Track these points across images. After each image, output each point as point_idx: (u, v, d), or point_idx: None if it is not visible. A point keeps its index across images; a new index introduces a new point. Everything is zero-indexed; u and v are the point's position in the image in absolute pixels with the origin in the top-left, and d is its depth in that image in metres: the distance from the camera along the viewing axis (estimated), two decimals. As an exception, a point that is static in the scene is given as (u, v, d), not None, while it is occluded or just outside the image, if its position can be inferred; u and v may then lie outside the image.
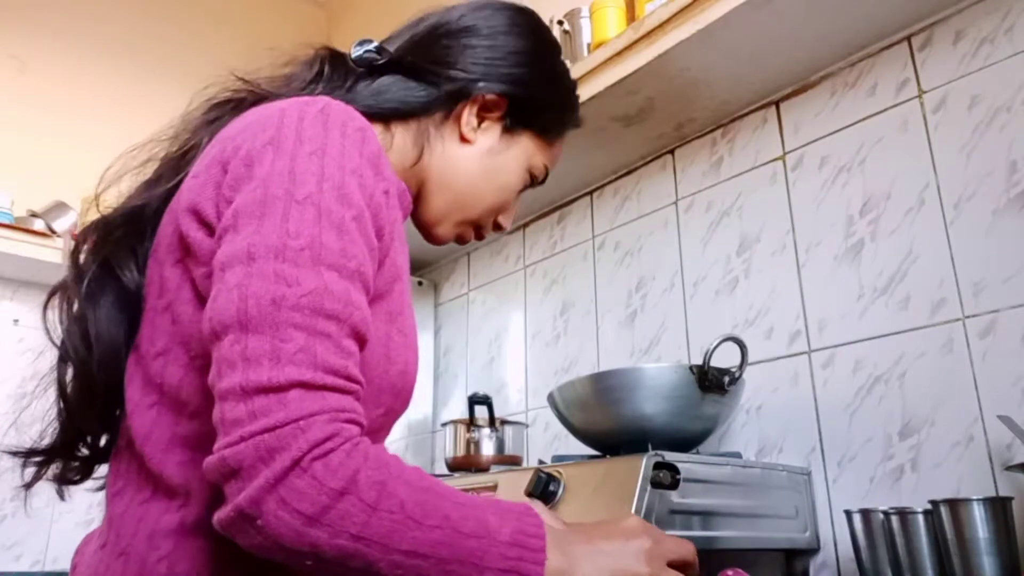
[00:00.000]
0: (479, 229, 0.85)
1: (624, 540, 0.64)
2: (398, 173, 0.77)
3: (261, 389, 0.52)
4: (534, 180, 0.86)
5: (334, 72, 0.78)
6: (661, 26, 1.25)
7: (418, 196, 0.80)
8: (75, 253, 0.70)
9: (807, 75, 1.34)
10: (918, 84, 1.19)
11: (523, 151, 0.83)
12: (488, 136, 0.80)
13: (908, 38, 1.21)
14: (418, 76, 0.78)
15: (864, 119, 1.25)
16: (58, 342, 0.69)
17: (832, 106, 1.30)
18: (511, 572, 0.56)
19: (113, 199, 0.73)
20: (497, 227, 0.87)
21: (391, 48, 0.80)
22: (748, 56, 1.28)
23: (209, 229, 0.61)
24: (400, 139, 0.78)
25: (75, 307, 0.68)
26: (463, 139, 0.79)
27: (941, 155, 1.14)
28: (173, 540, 0.59)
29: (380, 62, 0.79)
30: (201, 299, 0.62)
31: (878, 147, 1.22)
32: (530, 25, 0.84)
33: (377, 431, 0.68)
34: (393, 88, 0.77)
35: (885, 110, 1.23)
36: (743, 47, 1.26)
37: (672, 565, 0.65)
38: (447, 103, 0.78)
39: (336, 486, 0.51)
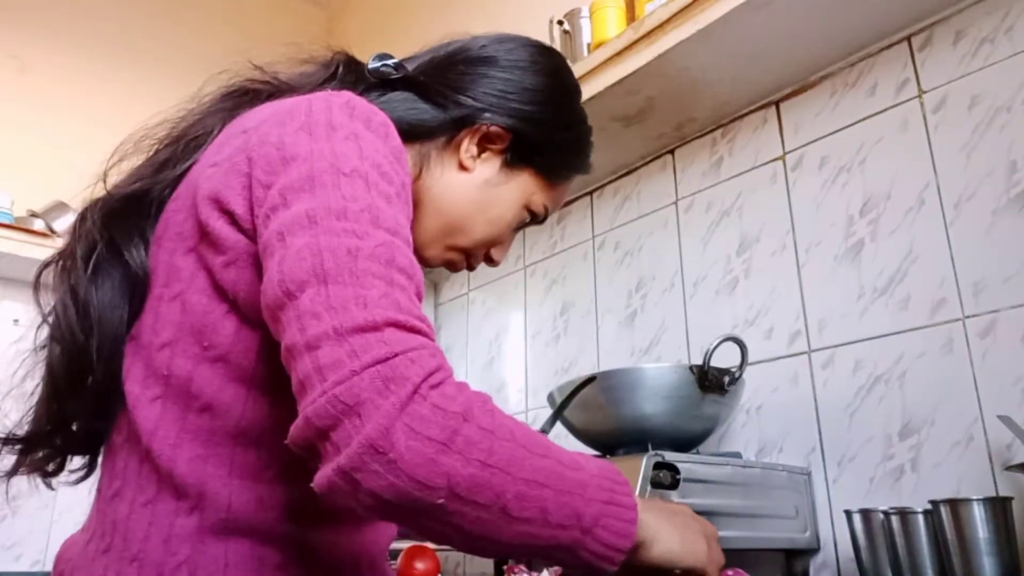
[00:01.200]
0: (469, 259, 0.84)
1: (682, 514, 0.64)
2: None
3: (357, 329, 0.50)
4: (533, 218, 0.84)
5: (347, 75, 0.79)
6: (661, 26, 1.25)
7: (413, 223, 0.79)
8: (78, 228, 0.68)
9: (807, 75, 1.34)
10: (918, 84, 1.19)
11: (522, 188, 0.81)
12: (487, 167, 0.79)
13: (908, 38, 1.21)
14: (428, 97, 0.78)
15: (864, 119, 1.25)
16: (50, 320, 0.67)
17: (832, 106, 1.30)
18: (610, 503, 0.55)
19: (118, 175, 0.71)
20: (489, 260, 0.85)
21: (409, 67, 0.80)
22: (748, 56, 1.28)
23: (232, 218, 0.60)
24: None
25: (74, 285, 0.66)
26: (461, 167, 0.78)
27: (941, 155, 1.14)
28: (191, 545, 0.57)
29: (395, 77, 0.79)
30: (217, 289, 0.61)
31: (878, 147, 1.22)
32: (552, 66, 0.83)
33: None
34: (401, 105, 0.77)
35: (885, 110, 1.23)
36: (743, 47, 1.26)
37: None
38: (451, 128, 0.78)
39: (458, 410, 0.50)
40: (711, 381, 1.09)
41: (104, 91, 2.51)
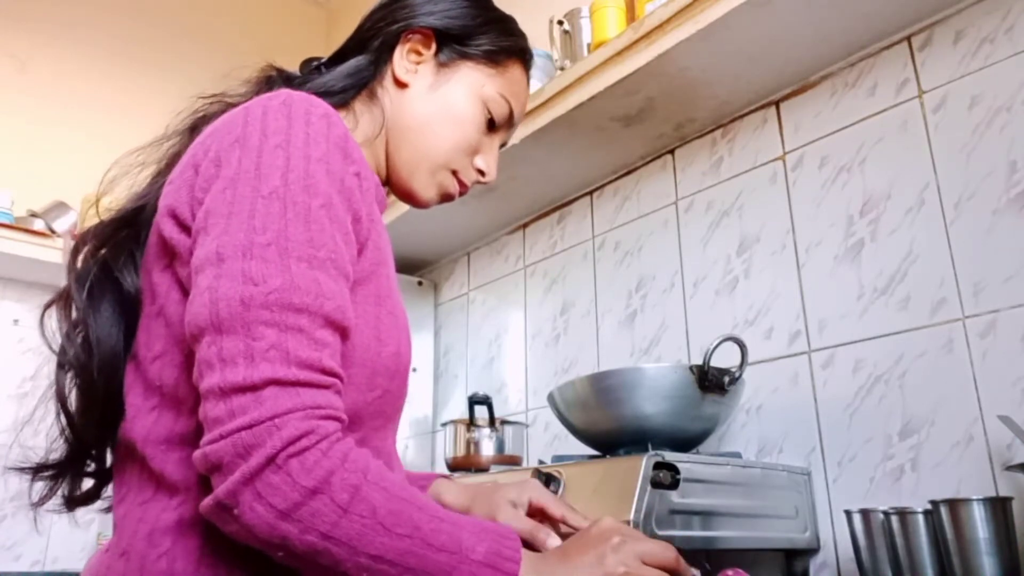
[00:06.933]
0: (456, 175, 0.84)
1: (595, 546, 0.63)
2: (370, 148, 0.81)
3: (237, 388, 0.54)
4: (497, 116, 0.84)
5: (282, 77, 0.83)
6: (661, 26, 1.25)
7: (389, 161, 0.82)
8: (74, 257, 0.71)
9: (807, 75, 1.34)
10: (918, 84, 1.19)
11: (467, 81, 0.82)
12: (425, 75, 0.82)
13: (908, 38, 1.21)
14: (354, 51, 0.84)
15: (864, 119, 1.25)
16: (56, 349, 0.69)
17: (832, 106, 1.30)
18: None
19: (110, 202, 0.74)
20: (480, 173, 0.85)
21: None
22: (748, 56, 1.28)
23: (188, 230, 0.63)
24: (362, 114, 0.81)
25: (75, 313, 0.68)
26: (401, 85, 0.82)
27: (941, 155, 1.14)
28: (172, 537, 0.60)
29: (324, 61, 0.84)
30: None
31: (878, 147, 1.22)
32: None
33: (376, 415, 0.68)
34: (336, 75, 0.81)
35: (885, 110, 1.23)
36: (743, 47, 1.26)
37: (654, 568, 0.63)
38: (381, 58, 0.82)
39: (309, 484, 0.53)
40: (711, 381, 1.09)
41: (103, 90, 2.51)
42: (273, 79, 0.82)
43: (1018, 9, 1.09)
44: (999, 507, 0.88)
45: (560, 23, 1.53)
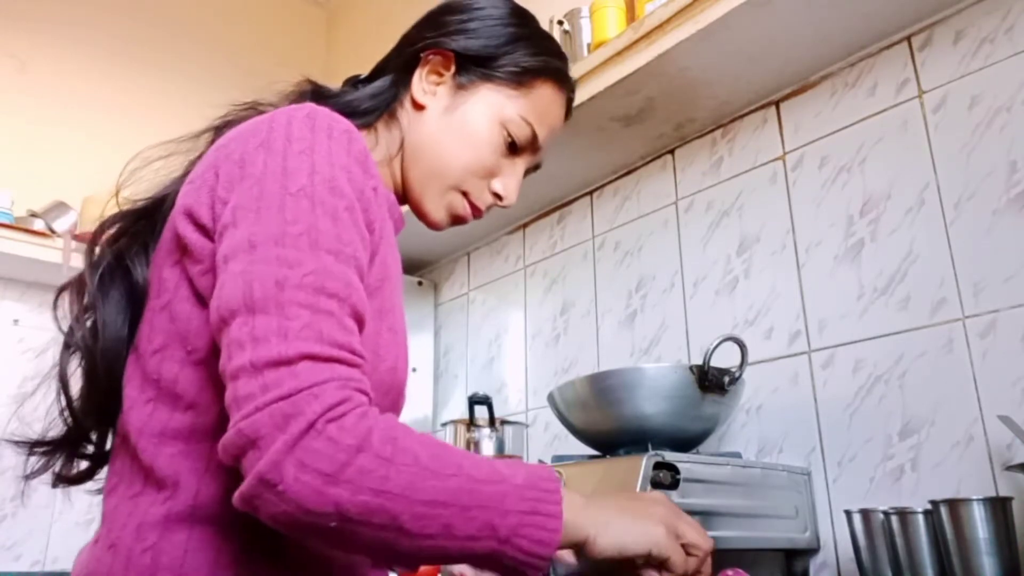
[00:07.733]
0: (468, 196, 0.82)
1: (644, 501, 0.65)
2: (388, 168, 0.82)
3: (271, 363, 0.53)
4: (518, 139, 0.82)
5: (314, 91, 0.83)
6: (661, 26, 1.25)
7: (404, 182, 0.83)
8: (92, 243, 0.72)
9: (807, 75, 1.34)
10: (918, 84, 1.19)
11: (486, 102, 0.81)
12: (442, 96, 0.82)
13: (908, 38, 1.21)
14: (382, 72, 0.85)
15: (864, 119, 1.25)
16: (65, 330, 0.70)
17: (832, 106, 1.30)
18: (532, 513, 0.57)
19: (130, 194, 0.75)
20: (496, 196, 0.84)
21: None
22: (748, 56, 1.28)
23: (203, 230, 0.64)
24: (383, 135, 0.82)
25: (86, 297, 0.70)
26: (418, 106, 0.82)
27: (941, 155, 1.14)
28: (158, 531, 0.60)
29: (362, 78, 0.85)
30: (198, 296, 0.64)
31: (878, 147, 1.22)
32: (494, 2, 0.85)
33: None
34: (363, 94, 0.82)
35: (885, 110, 1.23)
36: (743, 47, 1.26)
37: (687, 551, 0.64)
38: (402, 79, 0.83)
39: (352, 443, 0.52)
40: (711, 381, 1.09)
41: (103, 90, 2.50)
42: (306, 93, 0.82)
43: (1018, 9, 1.09)
44: (999, 507, 0.88)
45: (560, 23, 1.53)
